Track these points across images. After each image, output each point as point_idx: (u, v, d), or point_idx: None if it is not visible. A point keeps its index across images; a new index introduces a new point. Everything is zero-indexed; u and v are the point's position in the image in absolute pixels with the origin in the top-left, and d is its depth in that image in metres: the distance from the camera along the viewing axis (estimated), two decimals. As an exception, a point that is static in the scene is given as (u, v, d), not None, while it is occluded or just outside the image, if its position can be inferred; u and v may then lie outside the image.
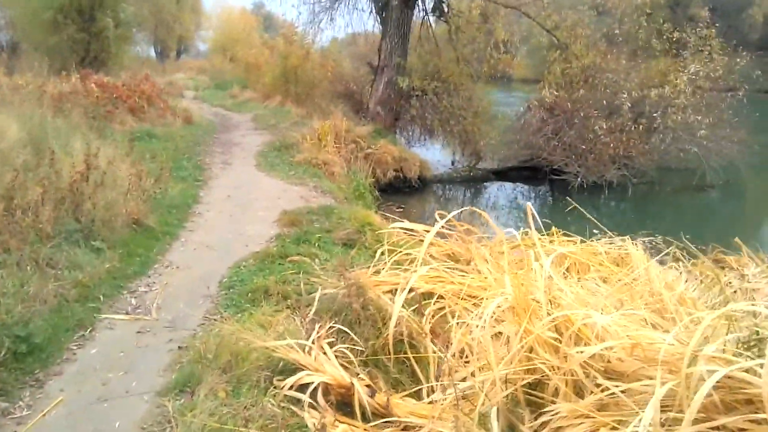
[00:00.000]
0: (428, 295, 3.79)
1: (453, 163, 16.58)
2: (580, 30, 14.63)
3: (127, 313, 5.01)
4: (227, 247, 6.83)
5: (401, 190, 14.05)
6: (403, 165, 14.11)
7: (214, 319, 4.86)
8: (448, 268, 3.85)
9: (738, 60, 14.36)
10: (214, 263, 6.30)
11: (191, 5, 44.01)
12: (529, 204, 4.18)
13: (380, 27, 16.68)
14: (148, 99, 14.47)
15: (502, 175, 15.83)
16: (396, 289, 4.14)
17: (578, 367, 2.26)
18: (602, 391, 2.20)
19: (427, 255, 4.60)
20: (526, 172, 15.68)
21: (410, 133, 16.72)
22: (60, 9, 19.50)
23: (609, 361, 2.29)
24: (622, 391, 2.11)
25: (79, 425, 3.50)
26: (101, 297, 5.18)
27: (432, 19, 16.67)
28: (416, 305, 3.50)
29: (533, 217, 3.77)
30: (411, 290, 3.81)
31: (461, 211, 4.32)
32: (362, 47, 21.03)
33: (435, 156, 16.64)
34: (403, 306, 3.51)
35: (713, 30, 14.28)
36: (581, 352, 2.28)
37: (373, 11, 16.67)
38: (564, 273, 3.56)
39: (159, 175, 8.30)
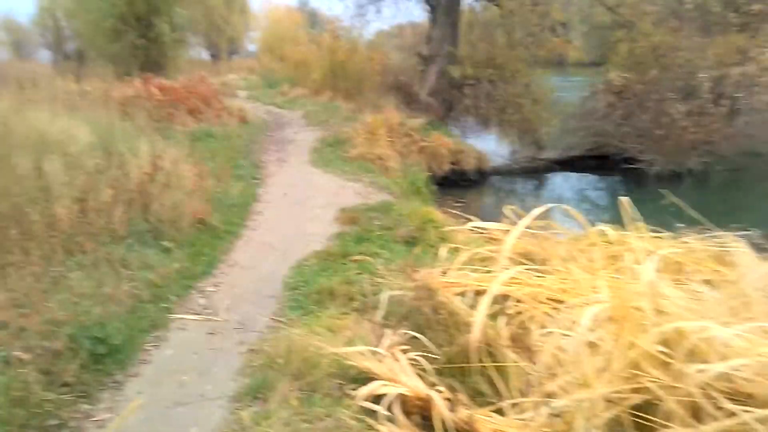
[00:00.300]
0: (503, 298, 3.61)
1: (511, 154, 16.10)
2: (645, 5, 13.79)
3: (197, 314, 5.05)
4: (289, 246, 6.83)
5: (458, 184, 13.73)
6: (460, 157, 13.84)
7: (281, 321, 4.84)
8: (525, 268, 3.64)
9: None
10: (278, 262, 6.31)
11: (240, 6, 44.63)
12: (624, 198, 3.92)
13: (428, 16, 16.43)
14: (205, 100, 14.73)
15: (566, 164, 15.15)
16: (467, 291, 3.98)
17: (695, 387, 2.04)
18: (727, 416, 1.97)
19: (496, 253, 4.40)
20: (593, 161, 14.84)
21: (464, 124, 16.39)
22: (120, 17, 20.10)
23: (733, 382, 2.06)
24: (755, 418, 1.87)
25: (157, 430, 3.53)
26: (172, 297, 5.24)
27: (478, 5, 16.27)
28: (497, 309, 3.33)
29: (627, 211, 3.46)
30: (480, 293, 3.65)
31: (546, 208, 4.05)
32: (409, 38, 20.77)
33: (491, 147, 16.21)
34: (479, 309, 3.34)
35: None
36: (702, 370, 2.04)
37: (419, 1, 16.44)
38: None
39: (219, 175, 8.39)
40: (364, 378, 3.44)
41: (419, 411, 2.99)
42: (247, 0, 45.18)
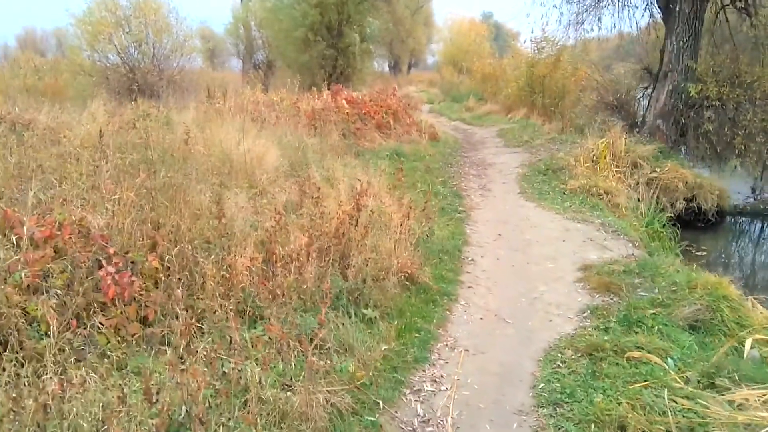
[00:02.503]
0: None
1: (753, 191, 12.81)
2: None
3: (416, 434, 3.42)
4: (524, 320, 5.03)
5: (692, 225, 10.96)
6: (698, 193, 11.02)
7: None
8: None
9: None
10: (514, 347, 4.54)
11: (425, 18, 44.22)
12: None
13: (658, 23, 13.67)
14: (394, 114, 13.54)
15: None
16: None
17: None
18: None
19: None
20: None
21: (696, 153, 13.31)
22: (311, 27, 20.00)
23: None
24: None
25: None
26: (380, 403, 3.66)
27: (728, 14, 13.09)
28: None
29: None
30: None
31: None
32: (624, 49, 17.94)
33: (726, 181, 13.03)
34: None
35: None
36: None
37: (650, 5, 13.71)
38: None
39: (424, 209, 6.80)
40: None
41: None
42: (432, 11, 44.59)
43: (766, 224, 12.13)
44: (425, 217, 6.70)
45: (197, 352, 3.29)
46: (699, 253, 10.03)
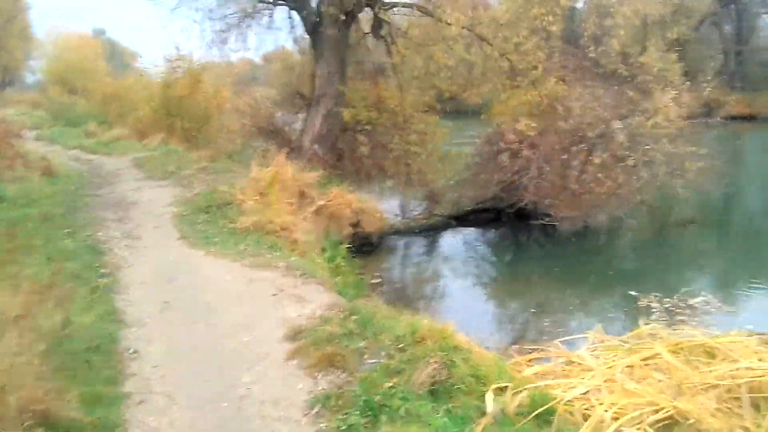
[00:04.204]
0: None
1: (404, 210, 13.60)
2: (540, 54, 12.52)
3: None
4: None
5: (360, 250, 10.80)
6: (362, 218, 10.93)
7: None
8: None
9: (704, 85, 13.30)
10: None
11: (20, 30, 36.66)
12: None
13: (299, 47, 13.55)
14: (-15, 142, 9.83)
15: (463, 220, 13.17)
16: None
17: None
18: None
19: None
20: (490, 215, 13.15)
21: (354, 177, 13.49)
22: None
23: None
24: None
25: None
26: None
27: (368, 40, 13.81)
28: None
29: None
30: None
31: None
32: (276, 72, 17.56)
33: (381, 203, 13.59)
34: None
35: (676, 55, 13.00)
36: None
37: (293, 29, 13.49)
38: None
39: (48, 283, 4.34)
40: None
41: None
42: (30, 23, 37.33)
43: (419, 240, 12.80)
44: (55, 298, 4.26)
45: None
46: (374, 281, 9.82)
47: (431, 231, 12.96)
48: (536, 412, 3.86)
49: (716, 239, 13.20)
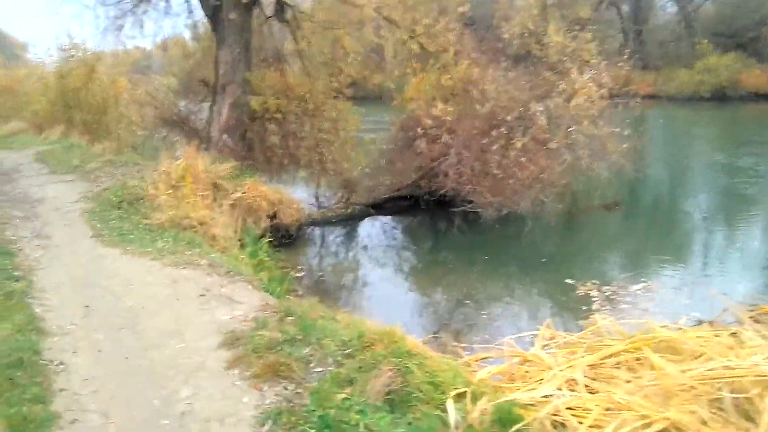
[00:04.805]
0: None
1: (320, 200, 13.61)
2: (451, 36, 12.71)
3: None
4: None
5: (279, 242, 10.77)
6: (279, 210, 10.93)
7: None
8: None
9: (621, 65, 13.65)
10: None
11: None
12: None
13: (198, 32, 13.18)
14: None
15: (381, 208, 13.27)
16: None
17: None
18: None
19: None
20: (409, 202, 13.21)
21: (264, 167, 13.32)
22: None
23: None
24: None
25: None
26: None
27: (272, 25, 13.61)
28: None
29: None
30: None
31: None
32: (174, 59, 16.91)
33: (298, 193, 13.50)
34: None
35: (590, 34, 13.20)
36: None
37: (193, 13, 13.09)
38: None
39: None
40: None
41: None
42: None
43: (337, 230, 12.74)
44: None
45: None
46: (298, 274, 9.82)
47: (349, 220, 12.94)
48: (500, 419, 3.68)
49: (644, 221, 13.61)
